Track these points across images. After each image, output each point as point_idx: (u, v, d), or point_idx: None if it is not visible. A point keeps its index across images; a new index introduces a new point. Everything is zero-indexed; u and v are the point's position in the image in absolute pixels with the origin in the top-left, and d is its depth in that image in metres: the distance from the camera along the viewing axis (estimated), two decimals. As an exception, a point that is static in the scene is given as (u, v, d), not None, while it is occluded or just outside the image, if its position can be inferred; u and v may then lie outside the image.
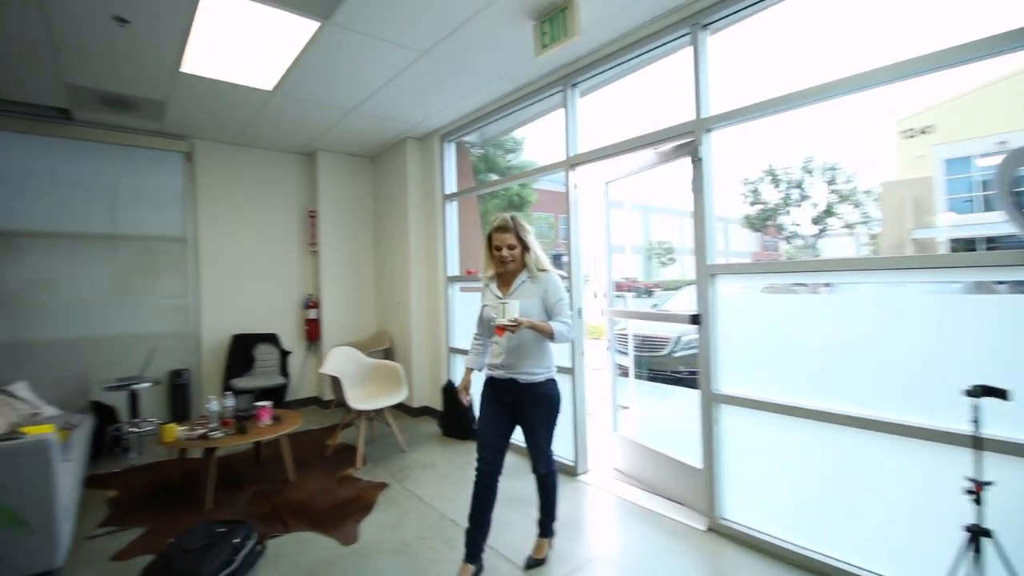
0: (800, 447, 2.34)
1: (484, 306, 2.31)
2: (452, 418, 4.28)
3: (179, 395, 4.62)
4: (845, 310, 2.38)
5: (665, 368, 6.38)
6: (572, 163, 3.32)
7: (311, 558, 2.45)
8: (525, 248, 2.21)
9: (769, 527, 2.43)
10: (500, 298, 2.18)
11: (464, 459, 3.76)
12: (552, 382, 2.24)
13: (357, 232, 5.58)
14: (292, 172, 5.42)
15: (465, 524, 2.66)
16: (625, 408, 5.26)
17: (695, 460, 2.78)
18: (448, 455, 3.86)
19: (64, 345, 4.26)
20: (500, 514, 2.81)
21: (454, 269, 4.70)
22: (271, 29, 2.81)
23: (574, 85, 3.32)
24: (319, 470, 3.59)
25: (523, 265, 2.23)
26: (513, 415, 2.24)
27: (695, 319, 2.61)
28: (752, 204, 19.30)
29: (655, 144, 2.85)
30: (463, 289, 4.70)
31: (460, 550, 2.46)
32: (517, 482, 3.29)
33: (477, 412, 2.40)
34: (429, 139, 4.72)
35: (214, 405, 3.41)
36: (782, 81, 2.35)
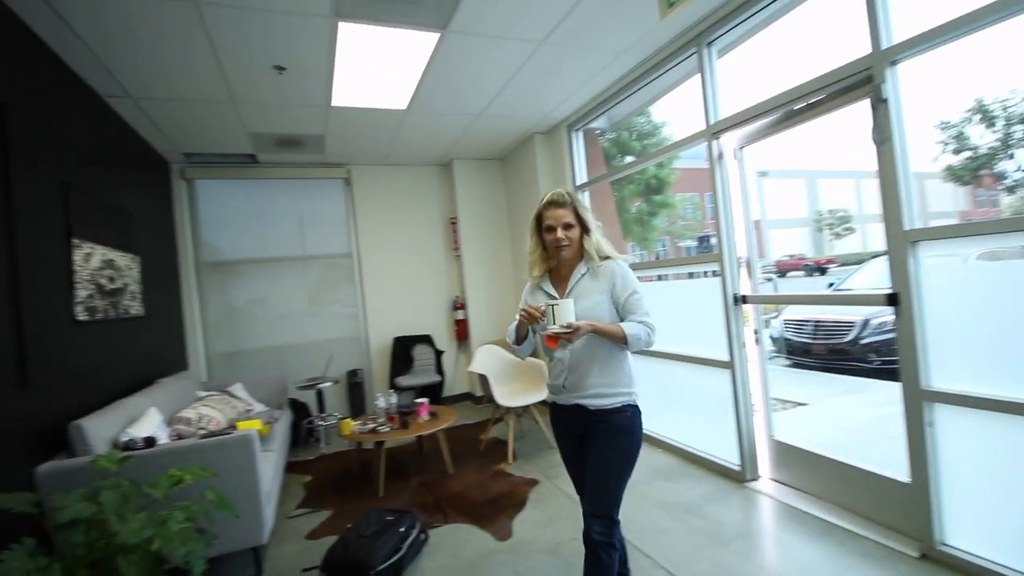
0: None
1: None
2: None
3: (355, 392, 5.21)
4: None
5: (848, 358, 5.48)
6: (714, 131, 2.96)
7: (469, 551, 2.54)
8: (584, 230, 1.72)
9: (1006, 557, 1.89)
10: (554, 299, 1.69)
11: (615, 458, 3.60)
12: (632, 410, 1.68)
13: (495, 233, 5.75)
14: (432, 183, 5.78)
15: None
16: (802, 405, 4.64)
17: (897, 471, 2.28)
18: (598, 453, 3.73)
19: (269, 352, 5.09)
20: (656, 520, 2.65)
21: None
22: (398, 49, 2.97)
23: (709, 44, 2.95)
24: (474, 464, 3.74)
25: (581, 253, 1.73)
26: (583, 450, 1.74)
27: (892, 299, 2.12)
28: (956, 152, 15.66)
29: (818, 93, 2.39)
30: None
31: (614, 556, 2.35)
32: (673, 485, 3.06)
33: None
34: (556, 131, 4.65)
35: (381, 402, 3.76)
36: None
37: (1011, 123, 14.24)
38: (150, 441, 2.31)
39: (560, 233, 1.68)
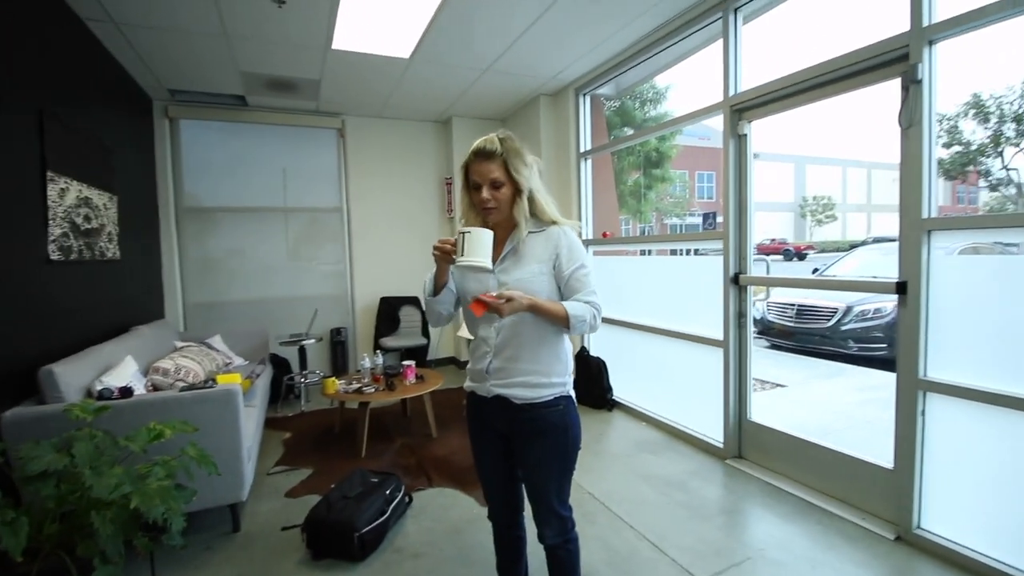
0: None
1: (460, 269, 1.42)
2: (586, 387, 4.15)
3: (338, 351, 5.13)
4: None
5: (826, 343, 5.59)
6: (733, 104, 2.84)
7: (453, 515, 2.52)
8: (518, 190, 1.38)
9: (977, 543, 1.98)
10: (490, 271, 1.39)
11: (600, 430, 3.62)
12: (566, 402, 1.43)
13: (490, 197, 5.59)
14: (429, 141, 5.57)
15: (604, 500, 2.57)
16: (782, 386, 4.71)
17: (878, 457, 2.34)
18: (585, 424, 3.73)
19: (248, 304, 4.93)
20: (641, 492, 2.67)
21: (588, 232, 4.48)
22: (406, -10, 2.78)
23: (736, 9, 2.80)
24: (458, 428, 3.71)
25: (512, 219, 1.39)
26: (510, 448, 1.50)
27: (900, 287, 2.09)
28: (946, 146, 15.75)
29: (846, 69, 2.29)
30: (597, 253, 4.48)
31: (599, 526, 2.37)
32: (658, 459, 3.09)
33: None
34: (563, 94, 4.47)
35: (367, 362, 3.69)
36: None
37: (1004, 121, 14.36)
38: (126, 391, 2.21)
39: (485, 193, 1.35)
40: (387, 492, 2.40)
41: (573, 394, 1.48)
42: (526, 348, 1.39)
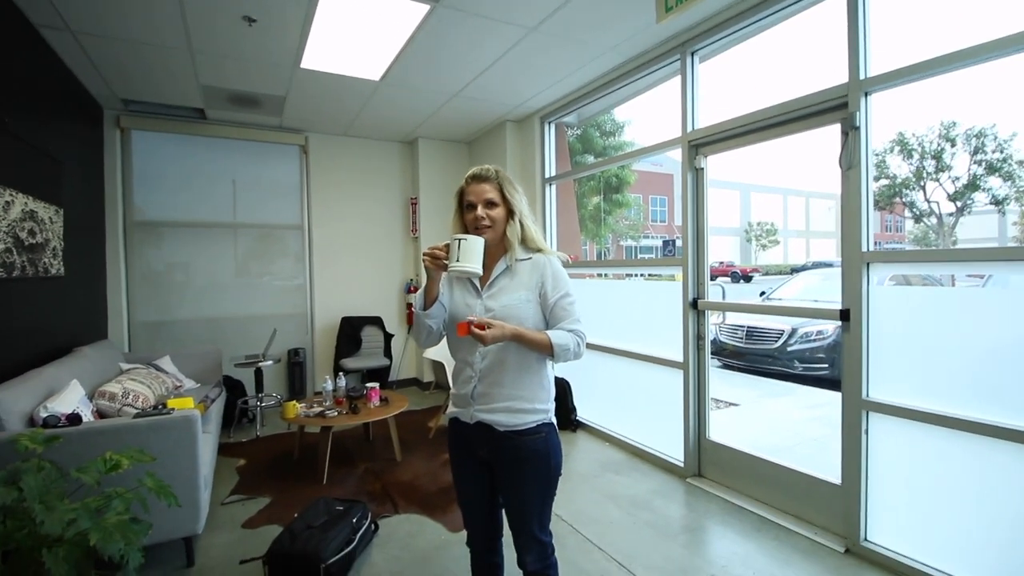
0: (958, 464, 2.02)
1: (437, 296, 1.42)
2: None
3: (296, 372, 4.96)
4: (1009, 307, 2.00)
5: (773, 363, 5.89)
6: (691, 139, 3.02)
7: (421, 542, 2.48)
8: (510, 213, 1.46)
9: (920, 554, 2.12)
10: (478, 293, 1.45)
11: (566, 451, 3.53)
12: (547, 430, 1.45)
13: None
14: (394, 161, 5.57)
15: (572, 522, 2.60)
16: (735, 405, 4.91)
17: (826, 473, 2.48)
18: (548, 446, 3.77)
19: (200, 323, 4.72)
20: (607, 513, 2.71)
21: (552, 255, 4.57)
22: (382, 17, 2.81)
23: (694, 52, 3.00)
24: (423, 452, 3.67)
25: (504, 241, 1.46)
26: (491, 475, 1.51)
27: (844, 315, 2.26)
28: (875, 179, 17.02)
29: (793, 113, 2.49)
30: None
31: (569, 548, 2.38)
32: (622, 479, 3.15)
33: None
34: (529, 121, 4.60)
35: (329, 385, 3.59)
36: (950, 32, 1.91)
37: (924, 158, 15.75)
38: (74, 418, 2.07)
39: (480, 211, 1.41)
40: (353, 520, 2.34)
41: (555, 421, 1.50)
42: (510, 374, 1.41)
